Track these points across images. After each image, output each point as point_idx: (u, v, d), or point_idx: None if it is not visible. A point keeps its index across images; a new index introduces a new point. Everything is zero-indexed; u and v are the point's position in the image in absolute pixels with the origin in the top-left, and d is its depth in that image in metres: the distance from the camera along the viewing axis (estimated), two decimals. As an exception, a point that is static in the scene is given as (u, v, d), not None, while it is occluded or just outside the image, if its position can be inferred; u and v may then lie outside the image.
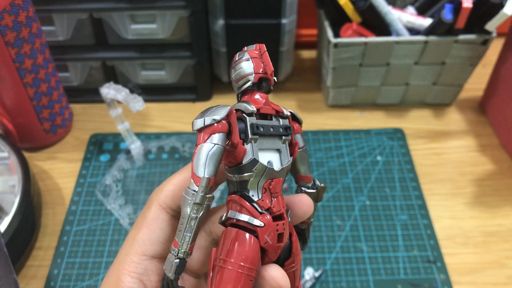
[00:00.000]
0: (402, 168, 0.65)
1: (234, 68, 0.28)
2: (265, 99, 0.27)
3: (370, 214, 0.60)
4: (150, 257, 0.28)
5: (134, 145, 0.66)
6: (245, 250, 0.25)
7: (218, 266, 0.25)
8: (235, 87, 0.28)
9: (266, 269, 0.25)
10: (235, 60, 0.28)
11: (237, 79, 0.28)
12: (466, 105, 0.75)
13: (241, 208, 0.26)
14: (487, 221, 0.60)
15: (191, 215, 0.25)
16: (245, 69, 0.27)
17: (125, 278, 0.28)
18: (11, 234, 0.51)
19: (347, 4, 0.65)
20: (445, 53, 0.67)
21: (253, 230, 0.25)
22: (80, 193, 0.63)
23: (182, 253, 0.25)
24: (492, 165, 0.66)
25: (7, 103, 0.61)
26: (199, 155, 0.25)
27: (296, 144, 0.29)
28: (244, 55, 0.28)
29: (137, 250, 0.28)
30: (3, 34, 0.55)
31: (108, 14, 0.65)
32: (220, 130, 0.25)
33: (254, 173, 0.26)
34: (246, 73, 0.27)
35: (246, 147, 0.25)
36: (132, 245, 0.28)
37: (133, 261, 0.28)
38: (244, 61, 0.27)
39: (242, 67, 0.27)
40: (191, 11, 0.65)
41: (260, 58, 0.28)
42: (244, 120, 0.26)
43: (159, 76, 0.73)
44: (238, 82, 0.28)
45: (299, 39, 0.82)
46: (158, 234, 0.29)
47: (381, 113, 0.73)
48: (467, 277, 0.54)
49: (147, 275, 0.28)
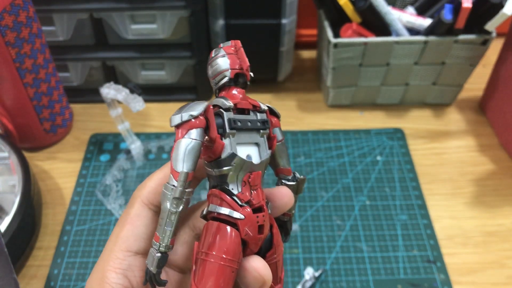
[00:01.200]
0: (402, 168, 0.65)
1: (210, 65, 0.29)
2: (242, 94, 0.28)
3: (370, 214, 0.60)
4: (134, 253, 0.29)
5: (134, 145, 0.66)
6: (226, 243, 0.25)
7: (201, 259, 0.25)
8: (212, 83, 0.29)
9: (248, 260, 0.26)
10: (211, 56, 0.29)
11: (214, 75, 0.29)
12: (466, 105, 0.75)
13: (221, 201, 0.26)
14: (487, 221, 0.60)
15: (170, 210, 0.25)
16: (221, 65, 0.28)
17: (110, 274, 0.28)
18: (11, 234, 0.51)
19: (347, 4, 0.65)
20: (445, 53, 0.67)
21: (233, 223, 0.26)
22: (80, 193, 0.63)
23: (163, 247, 0.25)
24: (492, 165, 0.66)
25: (7, 103, 0.61)
26: (177, 151, 0.25)
27: (274, 138, 0.29)
28: (219, 51, 0.28)
29: (121, 246, 0.28)
30: (3, 34, 0.55)
31: (108, 14, 0.65)
32: (198, 125, 0.26)
33: (233, 166, 0.26)
34: (222, 69, 0.28)
35: (224, 142, 0.26)
36: (116, 242, 0.29)
37: (117, 257, 0.28)
38: (220, 57, 0.28)
39: (218, 63, 0.28)
40: (191, 11, 0.65)
41: (236, 54, 0.28)
42: (222, 115, 0.27)
43: (159, 76, 0.73)
44: (215, 78, 0.28)
45: (299, 39, 0.82)
46: (141, 230, 0.29)
47: (381, 113, 0.73)
48: (467, 277, 0.54)
49: (132, 270, 0.28)
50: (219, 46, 0.29)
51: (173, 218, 0.25)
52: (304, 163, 0.66)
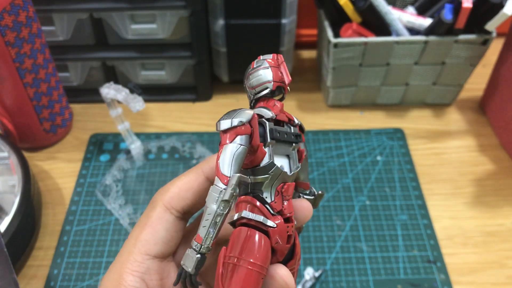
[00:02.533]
0: (402, 168, 0.65)
1: (252, 75, 0.29)
2: (281, 107, 0.29)
3: (370, 214, 0.60)
4: (152, 256, 0.29)
5: (134, 145, 0.66)
6: (258, 249, 0.25)
7: (231, 264, 0.25)
8: (250, 93, 0.29)
9: (274, 268, 0.26)
10: (253, 67, 0.29)
11: (254, 86, 0.29)
12: (466, 105, 0.75)
13: (253, 208, 0.26)
14: (487, 221, 0.60)
15: (217, 212, 0.25)
16: (264, 77, 0.28)
17: (127, 277, 0.28)
18: (11, 234, 0.51)
19: (347, 4, 0.65)
20: (445, 53, 0.67)
21: (265, 231, 0.26)
22: (80, 193, 0.63)
23: (204, 249, 0.25)
24: (492, 165, 0.66)
25: (7, 103, 0.61)
26: (225, 155, 0.26)
27: (303, 152, 0.30)
28: (263, 63, 0.29)
29: (140, 249, 0.28)
30: (3, 34, 0.55)
31: (108, 14, 0.65)
32: (244, 132, 0.26)
33: (270, 175, 0.27)
34: (265, 80, 0.28)
35: (265, 150, 0.27)
36: (135, 244, 0.29)
37: (136, 260, 0.28)
38: (262, 68, 0.29)
39: (261, 74, 0.28)
40: (191, 11, 0.65)
41: (278, 67, 0.29)
42: (264, 124, 0.27)
43: (159, 76, 0.73)
44: (256, 89, 0.29)
45: (299, 39, 0.82)
46: (161, 234, 0.29)
47: (381, 113, 0.73)
48: (467, 277, 0.54)
49: (149, 274, 0.28)
50: (259, 58, 0.29)
51: (219, 220, 0.26)
52: (304, 163, 0.66)
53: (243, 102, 0.75)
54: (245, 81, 0.29)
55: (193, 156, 0.67)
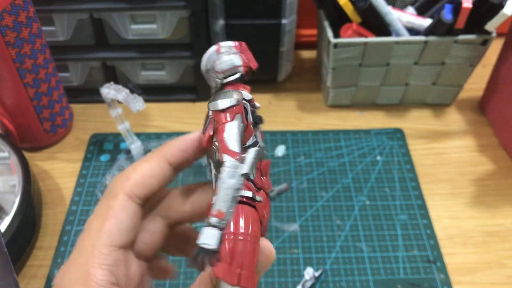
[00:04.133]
0: (402, 168, 0.65)
1: (220, 59, 0.30)
2: (248, 91, 0.30)
3: (370, 214, 0.60)
4: (118, 247, 0.28)
5: (134, 145, 0.66)
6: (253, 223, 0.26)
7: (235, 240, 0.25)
8: (217, 77, 0.30)
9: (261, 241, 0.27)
10: (219, 52, 0.30)
11: (225, 70, 0.29)
12: (465, 105, 0.75)
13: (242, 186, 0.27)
14: (486, 221, 0.60)
15: (236, 186, 0.26)
16: (236, 61, 0.29)
17: (96, 271, 0.26)
18: (11, 234, 0.51)
19: (347, 4, 0.65)
20: (445, 53, 0.67)
21: (253, 205, 0.26)
22: (81, 193, 0.63)
23: (224, 224, 0.25)
24: (492, 165, 0.66)
25: (7, 103, 0.62)
26: (230, 132, 0.26)
27: (261, 133, 0.31)
28: (230, 49, 0.30)
29: (106, 241, 0.27)
30: (4, 34, 0.55)
31: (109, 14, 0.65)
32: (241, 111, 0.27)
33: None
34: (236, 64, 0.29)
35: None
36: (99, 237, 0.27)
37: (102, 253, 0.27)
38: (233, 54, 0.29)
39: (232, 59, 0.29)
40: (191, 11, 0.65)
41: (243, 53, 0.30)
42: (246, 106, 0.28)
43: (159, 76, 0.73)
44: (225, 73, 0.30)
45: (299, 39, 0.82)
46: (126, 224, 0.28)
47: (381, 113, 0.74)
48: (467, 277, 0.54)
49: (117, 265, 0.27)
50: (219, 44, 0.30)
51: (236, 194, 0.26)
52: (304, 163, 0.66)
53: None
54: (209, 66, 0.30)
55: (193, 156, 0.67)
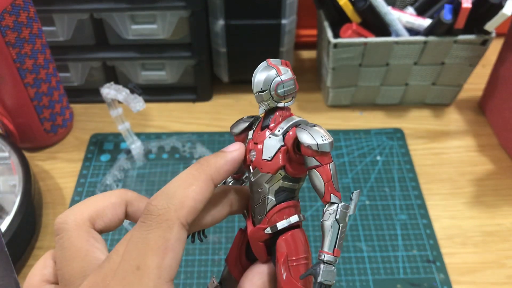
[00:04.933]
0: (401, 168, 0.65)
1: (285, 83, 0.28)
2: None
3: (369, 213, 0.60)
4: (172, 281, 0.25)
5: (135, 145, 0.66)
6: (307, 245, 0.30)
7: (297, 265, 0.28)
8: (273, 99, 0.29)
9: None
10: (280, 74, 0.28)
11: (286, 94, 0.29)
12: (465, 105, 0.75)
13: (296, 210, 0.29)
14: (486, 220, 0.60)
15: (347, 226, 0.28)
16: (294, 86, 0.29)
17: None
18: (12, 233, 0.51)
19: (346, 5, 0.65)
20: (444, 53, 0.67)
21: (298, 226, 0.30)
22: (81, 193, 0.63)
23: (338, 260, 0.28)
24: (491, 165, 0.66)
25: (8, 103, 0.62)
26: (334, 172, 0.27)
27: None
28: (288, 71, 0.29)
29: (166, 278, 0.25)
30: (4, 35, 0.55)
31: (109, 14, 0.65)
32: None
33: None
34: (295, 90, 0.29)
35: None
36: (160, 275, 0.24)
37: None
38: (291, 77, 0.29)
39: (294, 84, 0.29)
40: (191, 11, 0.65)
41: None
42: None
43: (160, 76, 0.73)
44: (286, 97, 0.29)
45: (299, 39, 0.82)
46: (181, 255, 0.26)
47: (381, 113, 0.74)
48: (466, 277, 0.54)
49: None
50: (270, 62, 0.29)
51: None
52: (304, 163, 0.66)
53: (243, 102, 0.75)
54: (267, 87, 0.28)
55: (193, 156, 0.67)
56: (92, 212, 0.28)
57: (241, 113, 0.73)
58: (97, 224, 0.28)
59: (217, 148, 0.67)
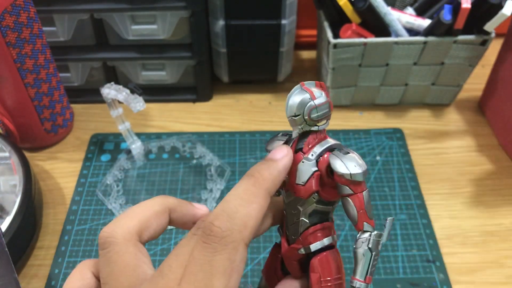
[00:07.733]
0: (401, 168, 0.65)
1: (321, 107, 0.28)
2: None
3: (369, 213, 0.60)
4: None
5: (135, 145, 0.66)
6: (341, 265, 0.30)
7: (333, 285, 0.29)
8: (307, 124, 0.28)
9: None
10: (314, 98, 0.28)
11: (319, 118, 0.28)
12: (465, 105, 0.75)
13: (329, 231, 0.30)
14: (486, 220, 0.60)
15: (378, 253, 0.29)
16: (328, 111, 0.28)
17: None
18: (12, 233, 0.51)
19: (346, 5, 0.65)
20: (444, 54, 0.67)
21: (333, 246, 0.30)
22: (81, 192, 0.63)
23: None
24: (491, 165, 0.66)
25: (8, 103, 0.62)
26: (368, 201, 0.28)
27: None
28: (322, 94, 0.28)
29: None
30: (4, 35, 0.55)
31: (109, 14, 0.65)
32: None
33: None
34: (329, 114, 0.29)
35: None
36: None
37: None
38: (325, 101, 0.28)
39: (328, 107, 0.28)
40: (191, 11, 0.65)
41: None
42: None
43: (160, 76, 0.73)
44: (320, 121, 0.28)
45: (299, 39, 0.82)
46: (242, 273, 0.26)
47: (381, 113, 0.74)
48: (466, 277, 0.54)
49: None
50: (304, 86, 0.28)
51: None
52: (304, 163, 0.66)
53: (243, 103, 0.75)
54: (301, 111, 0.28)
55: (193, 156, 0.67)
56: (139, 225, 0.28)
57: (241, 113, 0.73)
58: (143, 236, 0.28)
59: (217, 148, 0.68)
